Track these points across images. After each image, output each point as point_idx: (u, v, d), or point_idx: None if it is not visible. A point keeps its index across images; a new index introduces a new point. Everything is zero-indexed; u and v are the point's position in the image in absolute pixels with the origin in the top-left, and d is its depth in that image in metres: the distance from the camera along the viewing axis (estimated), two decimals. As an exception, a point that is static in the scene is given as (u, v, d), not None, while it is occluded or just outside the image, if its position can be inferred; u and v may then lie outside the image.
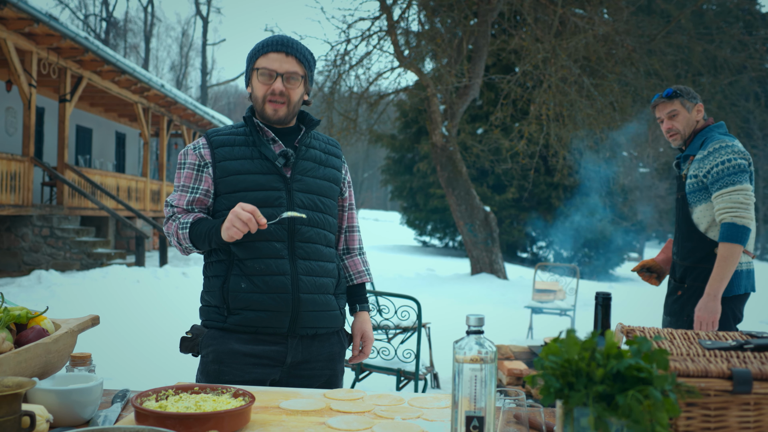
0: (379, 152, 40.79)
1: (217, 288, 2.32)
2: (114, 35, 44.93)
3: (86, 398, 1.69)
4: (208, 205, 2.40)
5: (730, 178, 3.48)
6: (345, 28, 14.55)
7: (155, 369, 6.25)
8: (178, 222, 2.34)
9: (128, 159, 23.46)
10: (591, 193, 21.46)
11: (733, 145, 3.54)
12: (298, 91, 2.38)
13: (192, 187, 2.38)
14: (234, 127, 2.45)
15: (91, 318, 1.97)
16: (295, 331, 2.31)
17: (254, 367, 2.28)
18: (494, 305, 11.63)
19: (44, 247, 13.42)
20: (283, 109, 2.36)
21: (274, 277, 2.28)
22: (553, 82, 13.46)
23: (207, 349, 2.31)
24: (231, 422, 1.60)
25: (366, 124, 17.66)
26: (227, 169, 2.34)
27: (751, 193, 3.48)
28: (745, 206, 3.45)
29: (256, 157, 2.35)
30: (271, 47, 2.35)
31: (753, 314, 12.21)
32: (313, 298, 2.33)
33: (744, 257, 3.54)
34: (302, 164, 2.39)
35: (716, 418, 1.27)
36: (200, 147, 2.40)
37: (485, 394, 1.41)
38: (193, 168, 2.39)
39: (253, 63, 2.40)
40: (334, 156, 2.53)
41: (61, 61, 13.74)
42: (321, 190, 2.41)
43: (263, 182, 2.32)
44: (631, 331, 1.51)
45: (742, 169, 3.48)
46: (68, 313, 8.05)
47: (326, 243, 2.42)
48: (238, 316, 2.29)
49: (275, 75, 2.33)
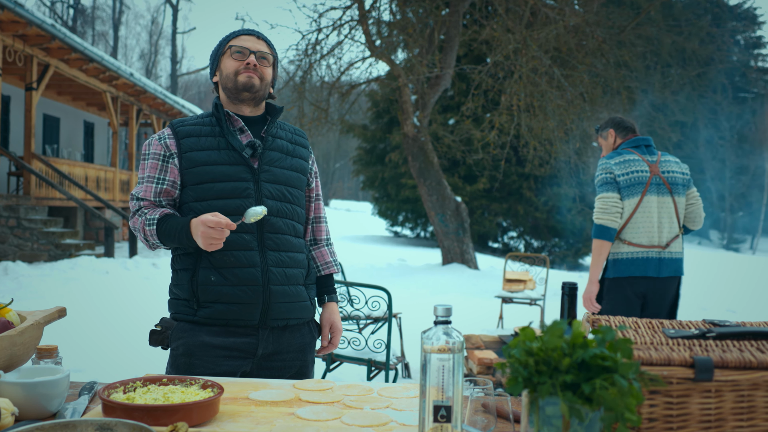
0: (350, 142, 40.73)
1: (186, 281, 2.30)
2: (82, 23, 44.23)
3: (52, 391, 1.67)
4: (175, 196, 2.36)
5: (598, 189, 4.48)
6: (316, 17, 14.51)
7: (124, 361, 6.20)
8: (145, 218, 2.30)
9: (97, 149, 23.16)
10: (561, 184, 21.64)
11: (605, 162, 4.51)
12: (268, 71, 2.41)
13: (158, 178, 2.34)
14: (200, 117, 2.43)
15: (58, 310, 1.95)
16: (266, 322, 2.31)
17: (225, 360, 2.27)
18: (465, 295, 11.70)
19: (11, 237, 13.21)
20: (256, 80, 2.36)
21: (244, 269, 2.27)
22: (524, 72, 13.53)
23: (177, 342, 2.29)
24: (199, 413, 1.60)
25: (337, 114, 17.62)
26: (193, 160, 2.31)
27: (609, 200, 4.38)
28: (601, 210, 4.38)
29: (223, 147, 2.33)
30: (243, 32, 2.42)
31: (720, 303, 12.44)
32: (284, 289, 2.33)
33: (623, 246, 4.39)
34: (269, 155, 2.38)
35: (678, 405, 1.29)
36: (165, 137, 2.36)
37: (453, 383, 1.43)
38: (158, 158, 2.35)
39: (223, 46, 2.42)
40: (301, 146, 2.52)
41: (27, 49, 13.49)
42: (289, 180, 2.40)
43: (231, 173, 2.30)
44: (597, 321, 1.53)
45: (605, 181, 4.45)
46: (36, 305, 7.95)
47: (295, 233, 2.42)
48: (209, 309, 2.27)
49: (248, 52, 2.36)
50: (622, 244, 4.40)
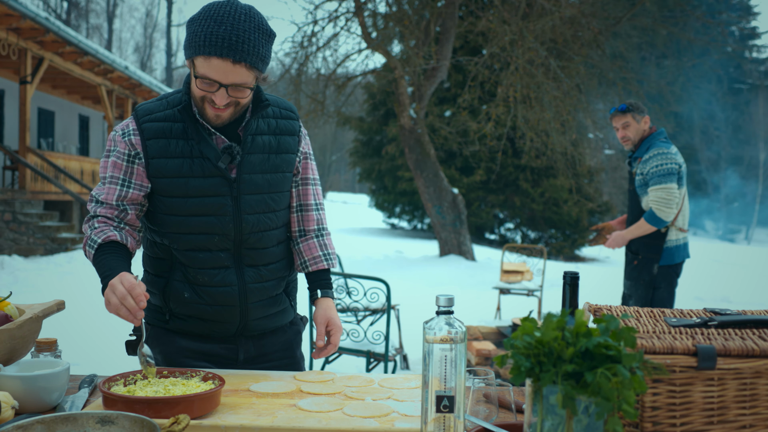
0: (347, 135, 40.66)
1: (158, 289, 2.13)
2: (76, 16, 44.05)
3: (52, 384, 1.67)
4: (141, 201, 2.08)
5: (661, 178, 4.62)
6: (312, 9, 14.44)
7: (122, 354, 6.18)
8: (90, 234, 2.03)
9: (92, 142, 23.08)
10: (558, 175, 21.64)
11: (667, 153, 4.66)
12: (247, 98, 1.99)
13: (123, 180, 2.05)
14: (169, 106, 2.06)
15: (57, 303, 1.94)
16: (243, 334, 2.18)
17: (207, 365, 2.15)
18: (462, 287, 11.71)
19: (6, 232, 13.17)
20: (228, 113, 1.99)
21: (219, 289, 2.07)
22: (520, 64, 13.50)
23: (154, 350, 2.15)
24: (201, 406, 1.60)
25: (334, 107, 17.57)
26: (162, 170, 2.02)
27: (674, 191, 4.60)
28: (666, 201, 4.59)
29: (196, 155, 2.01)
30: (215, 50, 1.86)
31: (715, 292, 12.47)
32: (263, 303, 2.15)
33: (677, 233, 4.73)
34: (249, 159, 2.06)
35: (681, 394, 1.29)
36: (130, 133, 2.04)
37: (455, 373, 1.42)
38: (122, 158, 2.05)
39: (191, 56, 1.93)
40: (288, 134, 2.17)
41: (22, 42, 13.43)
42: (272, 185, 2.12)
43: (205, 188, 2.02)
44: (599, 310, 1.53)
45: (670, 172, 4.61)
46: (33, 299, 7.93)
47: (277, 242, 2.19)
48: (182, 321, 2.13)
49: (218, 86, 1.91)
50: (679, 231, 4.73)
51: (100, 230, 2.02)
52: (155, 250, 2.15)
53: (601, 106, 17.46)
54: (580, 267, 17.04)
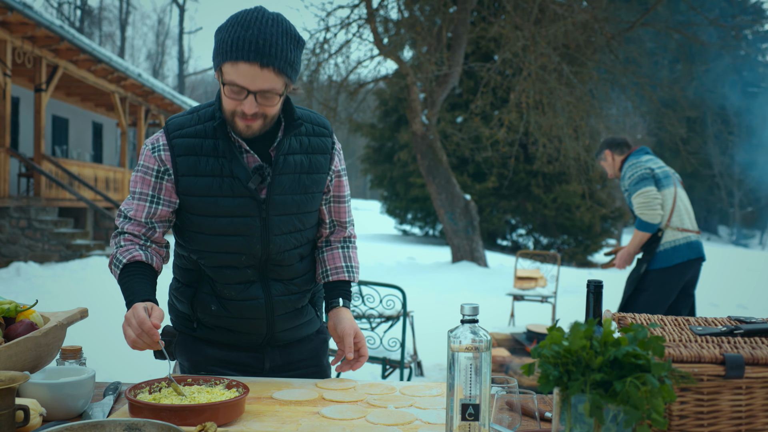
0: (358, 141, 40.68)
1: (186, 298, 2.13)
2: (89, 23, 44.34)
3: (79, 391, 1.69)
4: (169, 218, 2.08)
5: (636, 186, 4.91)
6: (324, 16, 14.53)
7: (142, 362, 6.20)
8: (117, 253, 2.03)
9: (106, 149, 23.22)
10: (570, 181, 21.58)
11: (637, 162, 4.97)
12: (275, 106, 1.94)
13: (152, 196, 2.04)
14: (200, 120, 2.03)
15: (80, 311, 1.96)
16: (270, 344, 2.18)
17: (233, 373, 2.15)
18: (475, 293, 11.69)
19: (22, 238, 13.27)
20: (258, 124, 1.94)
21: (246, 303, 2.07)
22: (533, 69, 13.50)
23: (181, 356, 2.18)
24: (226, 413, 1.61)
25: (345, 113, 17.63)
26: (191, 188, 2.00)
27: (651, 193, 4.84)
28: (646, 204, 4.84)
29: (226, 174, 1.98)
30: (243, 54, 1.82)
31: (730, 299, 12.39)
32: (289, 316, 2.15)
33: (674, 234, 4.91)
34: (279, 180, 2.02)
35: (709, 402, 1.29)
36: (160, 148, 2.01)
37: (480, 381, 1.43)
38: (151, 174, 2.03)
39: (219, 63, 1.90)
40: (320, 153, 2.12)
41: (36, 50, 13.54)
42: (301, 206, 2.08)
43: (234, 208, 2.00)
44: (623, 319, 1.53)
45: (643, 177, 4.89)
46: (50, 306, 7.97)
47: (303, 257, 2.18)
48: (209, 330, 2.14)
49: (246, 93, 1.87)
50: (675, 231, 4.90)
51: (126, 249, 2.02)
52: (184, 261, 2.16)
53: (614, 111, 17.42)
54: (593, 273, 16.98)
